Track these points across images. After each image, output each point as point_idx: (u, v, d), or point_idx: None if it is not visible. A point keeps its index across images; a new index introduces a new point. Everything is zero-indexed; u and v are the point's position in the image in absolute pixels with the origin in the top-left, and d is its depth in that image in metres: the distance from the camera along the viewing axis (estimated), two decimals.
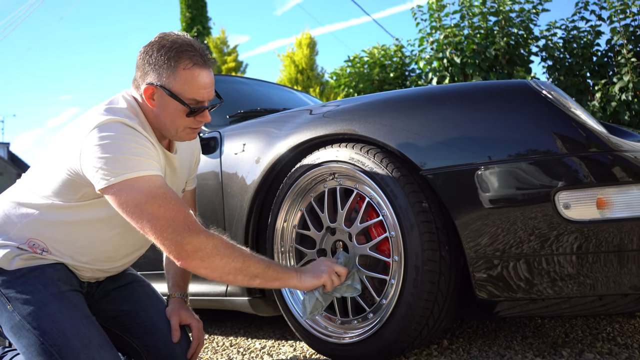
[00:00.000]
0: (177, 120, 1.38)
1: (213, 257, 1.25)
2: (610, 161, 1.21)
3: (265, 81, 3.05)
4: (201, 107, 1.38)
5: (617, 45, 5.50)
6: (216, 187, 1.98)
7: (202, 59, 1.35)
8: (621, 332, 1.73)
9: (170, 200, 1.25)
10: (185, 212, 1.25)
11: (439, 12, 6.26)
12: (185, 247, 1.22)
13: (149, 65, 1.35)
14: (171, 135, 1.42)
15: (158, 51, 1.33)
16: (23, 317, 1.30)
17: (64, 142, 1.35)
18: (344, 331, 1.55)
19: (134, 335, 1.51)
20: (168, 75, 1.33)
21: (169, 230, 1.22)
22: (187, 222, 1.24)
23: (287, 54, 10.75)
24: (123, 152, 1.25)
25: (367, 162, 1.49)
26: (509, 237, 1.28)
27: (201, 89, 1.36)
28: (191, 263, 1.24)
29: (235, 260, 1.27)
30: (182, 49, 1.33)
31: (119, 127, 1.28)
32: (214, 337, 2.21)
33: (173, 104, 1.36)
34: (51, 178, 1.36)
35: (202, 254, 1.24)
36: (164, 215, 1.22)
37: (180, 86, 1.34)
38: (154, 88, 1.35)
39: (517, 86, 1.39)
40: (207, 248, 1.24)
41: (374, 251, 1.49)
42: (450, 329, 1.88)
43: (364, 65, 7.08)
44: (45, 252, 1.38)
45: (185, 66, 1.33)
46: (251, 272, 1.30)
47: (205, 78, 1.36)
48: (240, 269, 1.28)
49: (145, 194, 1.23)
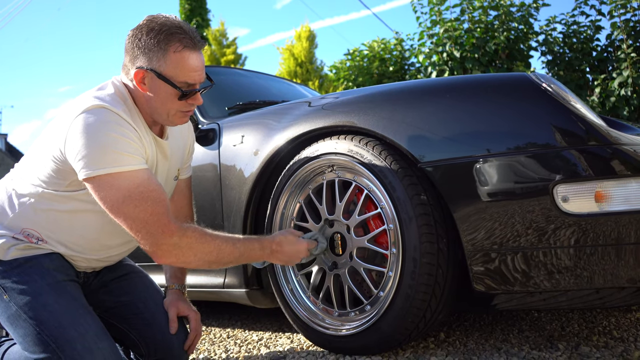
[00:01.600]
0: (169, 104, 1.37)
1: (186, 254, 1.33)
2: (609, 154, 1.21)
3: (264, 73, 3.04)
4: (192, 89, 1.37)
5: (617, 40, 5.49)
6: (214, 178, 1.97)
7: (192, 41, 1.34)
8: (617, 326, 1.73)
9: (147, 200, 1.26)
10: (159, 212, 1.28)
11: (439, 5, 6.24)
12: (161, 247, 1.30)
13: (138, 49, 1.33)
14: (163, 119, 1.41)
15: (147, 34, 1.32)
16: (19, 307, 1.30)
17: (52, 130, 1.35)
18: (342, 323, 1.56)
19: (131, 326, 1.51)
20: (158, 58, 1.32)
21: (143, 232, 1.27)
22: (160, 224, 1.27)
23: (286, 46, 10.71)
24: (106, 143, 1.24)
25: (365, 155, 1.48)
26: (507, 229, 1.28)
27: (192, 71, 1.34)
28: (166, 260, 1.33)
29: (209, 254, 1.36)
30: (172, 32, 1.31)
31: (104, 114, 1.27)
32: (212, 329, 2.21)
33: (164, 88, 1.34)
34: (41, 166, 1.35)
35: (176, 252, 1.31)
36: (138, 216, 1.26)
37: (171, 69, 1.32)
38: (144, 72, 1.33)
39: (516, 79, 1.38)
40: (181, 246, 1.31)
41: (372, 243, 1.49)
42: (447, 323, 1.89)
43: (364, 59, 7.06)
44: (41, 241, 1.38)
45: (176, 49, 1.32)
46: (225, 261, 1.40)
47: (195, 60, 1.35)
48: (214, 260, 1.37)
49: (122, 192, 1.25)
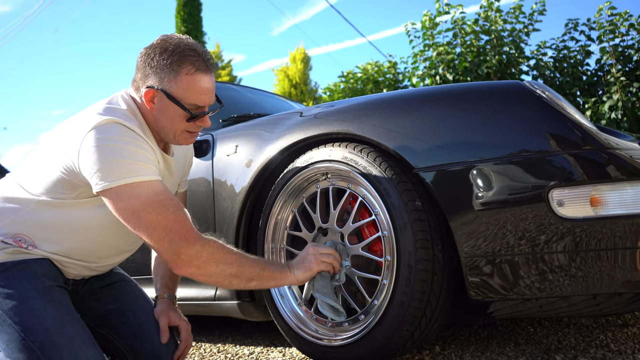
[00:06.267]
0: (176, 125, 1.37)
1: (209, 264, 1.27)
2: (604, 159, 1.21)
3: (257, 89, 3.06)
4: (201, 112, 1.37)
5: (606, 64, 5.58)
6: (207, 189, 1.96)
7: (204, 64, 1.34)
8: (614, 340, 1.71)
9: (168, 208, 1.24)
10: (182, 219, 1.25)
11: (432, 30, 6.35)
12: (182, 257, 1.25)
13: (150, 68, 1.33)
14: (169, 139, 1.41)
15: (160, 54, 1.32)
16: (4, 311, 1.26)
17: (59, 140, 1.32)
18: (335, 334, 1.53)
19: (120, 336, 1.47)
20: (170, 79, 1.32)
21: (165, 240, 1.23)
22: (183, 232, 1.24)
23: (281, 68, 10.84)
24: (122, 155, 1.23)
25: (360, 161, 1.48)
26: (502, 235, 1.27)
27: (202, 94, 1.35)
28: (187, 270, 1.27)
29: (231, 266, 1.30)
30: (185, 54, 1.32)
31: (119, 129, 1.26)
32: (202, 344, 2.16)
33: (173, 108, 1.35)
34: (44, 176, 1.33)
35: (198, 262, 1.26)
36: (160, 224, 1.23)
37: (181, 91, 1.32)
38: (155, 91, 1.33)
39: (511, 86, 1.39)
40: (202, 256, 1.26)
41: (366, 251, 1.48)
42: (442, 336, 1.86)
43: (357, 82, 7.13)
44: (31, 246, 1.35)
45: (188, 71, 1.32)
46: (247, 275, 1.32)
47: (207, 83, 1.35)
48: (236, 274, 1.31)
49: (142, 201, 1.22)
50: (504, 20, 6.18)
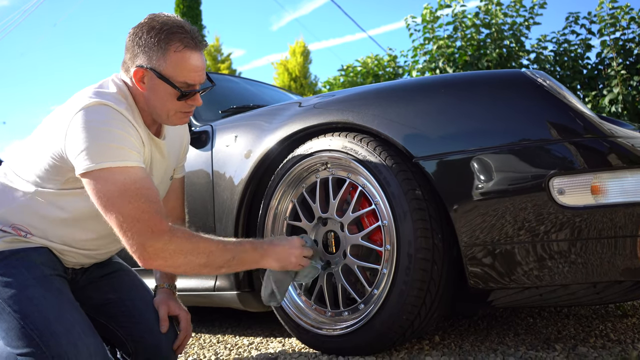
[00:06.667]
0: (168, 104, 1.35)
1: (176, 256, 1.25)
2: (605, 147, 1.21)
3: (256, 81, 3.05)
4: (192, 90, 1.36)
5: (607, 58, 5.57)
6: (207, 180, 1.95)
7: (193, 41, 1.32)
8: (614, 329, 1.71)
9: (141, 198, 1.22)
10: (152, 210, 1.23)
11: (432, 23, 6.32)
12: (147, 249, 1.22)
13: (138, 47, 1.32)
14: (162, 119, 1.40)
15: (148, 33, 1.30)
16: (4, 300, 1.26)
17: (49, 126, 1.32)
18: (335, 323, 1.52)
19: (119, 325, 1.47)
20: (158, 57, 1.30)
21: (132, 230, 1.21)
22: (151, 224, 1.22)
23: (280, 62, 10.81)
24: (106, 138, 1.22)
25: (360, 151, 1.47)
26: (502, 223, 1.26)
27: (192, 71, 1.33)
28: (154, 263, 1.24)
29: (199, 256, 1.27)
30: (173, 31, 1.30)
31: (106, 111, 1.25)
32: (201, 335, 2.16)
33: (163, 87, 1.33)
34: (36, 162, 1.33)
35: (164, 254, 1.24)
36: (129, 213, 1.21)
37: (171, 69, 1.31)
38: (144, 71, 1.32)
39: (512, 75, 1.39)
40: (169, 249, 1.23)
41: (366, 241, 1.47)
42: (441, 327, 1.86)
43: (357, 75, 7.11)
44: (30, 235, 1.35)
45: (176, 48, 1.30)
46: (216, 264, 1.30)
47: (196, 61, 1.33)
48: (205, 264, 1.28)
49: (118, 187, 1.21)
50: (504, 14, 6.17)
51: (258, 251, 1.37)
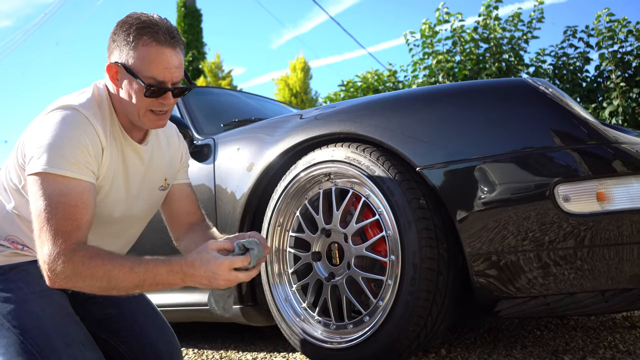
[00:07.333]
0: (138, 101, 1.29)
1: (75, 279, 1.18)
2: (610, 153, 1.20)
3: (257, 95, 3.06)
4: (161, 87, 1.28)
5: (606, 71, 5.59)
6: (209, 193, 1.94)
7: (164, 36, 1.26)
8: (622, 341, 1.69)
9: (57, 213, 1.18)
10: (63, 229, 1.17)
11: (431, 38, 6.36)
12: (50, 268, 1.17)
13: (113, 44, 1.30)
14: (135, 119, 1.34)
15: (121, 28, 1.28)
16: (3, 315, 1.24)
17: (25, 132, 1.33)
18: (340, 336, 1.50)
19: (120, 340, 1.45)
20: (128, 51, 1.26)
21: (43, 247, 1.17)
22: (55, 242, 1.16)
23: (281, 77, 10.87)
24: (55, 143, 1.20)
25: (363, 161, 1.46)
26: (508, 232, 1.25)
27: (161, 66, 1.26)
28: (56, 284, 1.18)
29: (100, 280, 1.18)
30: (145, 25, 1.26)
31: (68, 115, 1.23)
32: (204, 350, 2.13)
33: (131, 82, 1.28)
34: (14, 172, 1.32)
35: (63, 276, 1.17)
36: (43, 226, 1.17)
37: (138, 63, 1.26)
38: (117, 66, 1.29)
39: (515, 83, 1.39)
40: (66, 272, 1.17)
41: (370, 251, 1.46)
42: (448, 340, 1.83)
43: (357, 90, 7.14)
44: (26, 247, 1.33)
45: (145, 42, 1.25)
46: (121, 287, 1.20)
47: (166, 56, 1.27)
48: (108, 287, 1.19)
49: (45, 196, 1.18)
50: (502, 28, 6.20)
51: (177, 275, 1.23)
